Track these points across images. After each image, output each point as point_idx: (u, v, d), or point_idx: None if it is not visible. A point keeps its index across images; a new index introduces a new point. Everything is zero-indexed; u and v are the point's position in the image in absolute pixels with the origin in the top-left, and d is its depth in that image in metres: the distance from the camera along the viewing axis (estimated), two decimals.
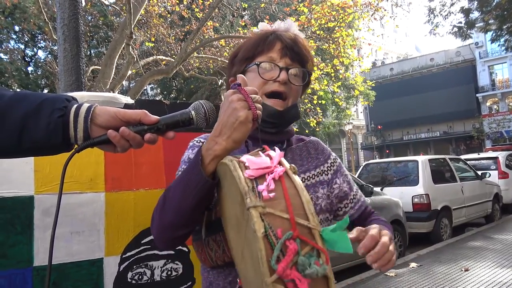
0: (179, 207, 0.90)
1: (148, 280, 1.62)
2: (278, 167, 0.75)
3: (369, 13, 11.31)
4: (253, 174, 0.74)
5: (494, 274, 5.09)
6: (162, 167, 1.71)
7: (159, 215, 0.95)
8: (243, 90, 0.87)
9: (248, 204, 0.68)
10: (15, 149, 0.83)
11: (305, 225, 0.69)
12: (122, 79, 8.71)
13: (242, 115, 0.84)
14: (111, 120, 0.87)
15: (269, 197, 0.70)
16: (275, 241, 0.65)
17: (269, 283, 0.63)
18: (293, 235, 0.66)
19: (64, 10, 2.55)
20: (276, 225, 0.67)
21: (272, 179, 0.72)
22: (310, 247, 0.67)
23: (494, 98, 37.40)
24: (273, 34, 1.13)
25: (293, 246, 0.65)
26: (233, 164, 0.76)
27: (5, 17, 17.44)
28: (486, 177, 9.51)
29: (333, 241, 0.70)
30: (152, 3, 10.58)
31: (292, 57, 1.11)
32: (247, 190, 0.70)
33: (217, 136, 0.87)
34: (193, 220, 0.94)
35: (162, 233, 0.96)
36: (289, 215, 0.68)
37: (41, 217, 1.44)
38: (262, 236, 0.65)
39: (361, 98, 19.95)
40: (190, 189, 0.88)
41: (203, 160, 0.88)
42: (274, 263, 0.64)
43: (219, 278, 1.06)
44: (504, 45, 16.81)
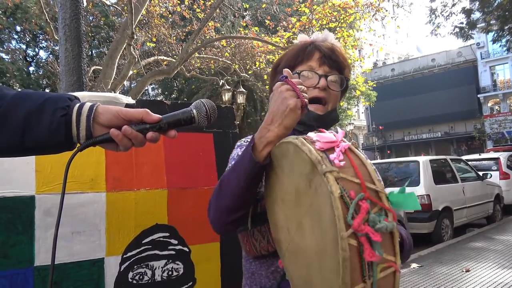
0: (233, 191, 0.99)
1: (149, 280, 1.62)
2: (343, 143, 0.84)
3: (370, 14, 11.31)
4: (323, 146, 0.81)
5: (495, 275, 5.08)
6: (163, 167, 1.71)
7: (216, 200, 1.05)
8: (290, 81, 0.95)
9: (324, 169, 0.76)
10: (18, 148, 0.84)
11: (373, 189, 0.78)
12: (123, 79, 8.72)
13: (291, 103, 0.92)
14: (114, 119, 0.87)
15: (340, 165, 0.78)
16: (349, 201, 0.73)
17: (345, 236, 0.71)
18: (365, 196, 0.75)
19: (66, 10, 2.55)
20: (349, 188, 0.75)
21: (340, 151, 0.81)
22: (379, 207, 0.76)
23: (496, 99, 37.34)
24: (311, 44, 1.22)
25: (365, 205, 0.74)
26: (300, 140, 0.84)
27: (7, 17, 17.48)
28: (487, 177, 9.50)
29: (400, 202, 0.81)
30: (153, 4, 10.60)
31: (330, 65, 1.19)
32: (321, 159, 0.78)
33: (269, 124, 0.94)
34: (246, 203, 1.03)
35: (219, 216, 1.05)
36: (359, 180, 0.77)
37: (42, 217, 1.44)
38: (339, 197, 0.73)
39: (362, 98, 19.94)
40: (242, 174, 0.96)
41: (256, 147, 0.95)
42: (350, 219, 0.72)
43: (262, 268, 1.14)
44: (506, 46, 16.79)
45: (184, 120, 0.92)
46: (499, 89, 36.94)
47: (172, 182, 1.71)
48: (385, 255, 0.74)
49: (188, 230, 1.71)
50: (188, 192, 1.74)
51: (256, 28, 12.10)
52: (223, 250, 1.80)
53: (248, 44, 11.71)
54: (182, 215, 1.71)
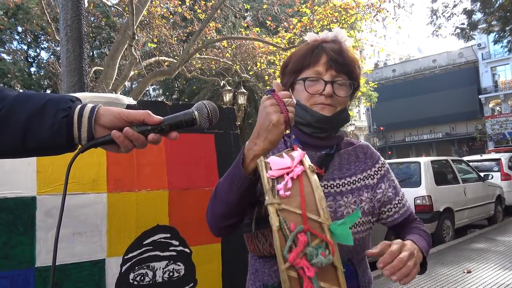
0: (226, 199, 1.02)
1: (150, 281, 1.61)
2: (298, 167, 0.83)
3: (371, 15, 11.31)
4: (274, 174, 0.83)
5: (497, 276, 5.07)
6: (164, 168, 1.71)
7: (212, 205, 1.08)
8: (276, 95, 0.96)
9: (266, 201, 0.78)
10: (19, 150, 0.83)
11: (316, 220, 0.77)
12: (124, 80, 8.73)
13: (274, 118, 0.94)
14: (115, 121, 0.87)
15: (285, 195, 0.78)
16: (289, 234, 0.74)
17: (283, 269, 0.73)
18: (304, 229, 0.74)
19: (67, 11, 2.55)
20: (290, 219, 0.76)
21: (290, 178, 0.81)
22: (320, 239, 0.75)
23: (497, 100, 37.29)
24: (319, 47, 1.19)
25: (303, 238, 0.73)
26: (262, 164, 0.87)
27: (8, 18, 17.50)
28: (488, 178, 9.48)
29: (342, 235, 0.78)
30: (154, 4, 10.61)
31: (337, 69, 1.16)
32: (267, 189, 0.80)
33: (255, 138, 0.97)
34: (239, 211, 1.05)
35: (214, 221, 1.09)
36: (302, 211, 0.76)
37: (43, 218, 1.44)
38: (277, 229, 0.74)
39: (363, 99, 19.95)
40: (235, 184, 0.99)
41: (245, 159, 0.98)
42: (286, 253, 0.73)
43: (265, 266, 1.17)
44: (507, 47, 16.77)
45: (185, 121, 0.92)
46: (500, 90, 36.87)
47: (173, 183, 1.71)
48: (329, 286, 0.74)
49: (189, 231, 1.70)
50: (189, 193, 1.74)
51: (257, 29, 12.11)
52: (224, 251, 1.80)
53: (249, 45, 11.71)
54: (183, 216, 1.70)
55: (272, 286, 1.14)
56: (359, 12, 11.18)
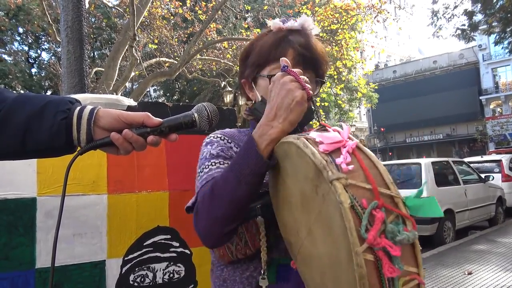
0: (233, 197, 0.87)
1: (150, 282, 1.61)
2: (349, 141, 0.75)
3: (372, 16, 11.32)
4: (328, 148, 0.73)
5: (498, 278, 5.06)
6: (165, 170, 1.71)
7: (208, 211, 0.91)
8: (292, 71, 0.86)
9: (330, 177, 0.68)
10: (18, 151, 0.83)
11: (387, 194, 0.69)
12: (125, 80, 8.73)
13: (298, 95, 0.84)
14: (114, 123, 0.87)
15: (348, 169, 0.70)
16: (362, 211, 0.66)
17: (360, 252, 0.64)
18: (378, 204, 0.67)
19: (68, 12, 2.56)
20: (359, 195, 0.67)
21: (347, 152, 0.72)
22: (395, 215, 0.68)
23: (498, 101, 37.27)
24: (285, 40, 1.07)
25: (380, 215, 0.66)
26: (302, 141, 0.76)
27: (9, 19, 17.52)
28: (489, 180, 9.47)
29: (418, 207, 0.71)
30: (155, 5, 10.62)
31: (305, 64, 1.06)
32: (326, 164, 0.70)
33: (271, 120, 0.86)
34: (244, 210, 0.91)
35: (212, 227, 0.91)
36: (371, 185, 0.69)
37: (44, 219, 1.44)
38: (349, 207, 0.65)
39: (364, 100, 19.93)
40: (246, 175, 0.85)
41: (258, 145, 0.86)
42: (364, 232, 0.64)
43: (235, 274, 1.05)
44: (508, 48, 16.75)
45: (185, 123, 0.91)
46: (501, 91, 36.86)
47: (173, 184, 1.71)
48: (407, 267, 0.67)
49: (189, 233, 1.70)
50: (189, 194, 1.73)
51: (258, 30, 12.11)
52: None
53: None
54: (183, 217, 1.70)
55: None
56: (359, 13, 11.19)
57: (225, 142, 1.11)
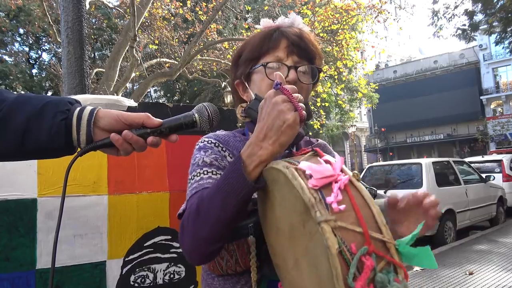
0: (218, 218, 0.84)
1: (151, 283, 1.61)
2: (341, 175, 0.70)
3: (372, 16, 11.32)
4: (317, 184, 0.68)
5: (499, 278, 5.06)
6: (165, 170, 1.71)
7: (192, 229, 0.88)
8: (285, 90, 0.82)
9: (318, 218, 0.63)
10: (18, 152, 0.83)
11: (379, 239, 0.64)
12: (125, 81, 8.74)
13: (290, 118, 0.79)
14: (114, 123, 0.86)
15: (339, 210, 0.65)
16: (350, 257, 0.61)
17: None
18: (369, 250, 0.62)
19: (68, 13, 2.56)
20: (349, 239, 0.62)
21: (338, 189, 0.67)
22: (386, 262, 0.63)
23: (498, 101, 37.24)
24: (277, 31, 1.06)
25: (370, 262, 0.61)
26: (291, 172, 0.70)
27: (10, 19, 17.54)
28: (490, 180, 9.46)
29: (411, 255, 0.67)
30: (156, 6, 10.62)
31: (299, 54, 1.04)
32: (315, 202, 0.65)
33: (261, 140, 0.82)
34: (229, 231, 0.87)
35: (197, 247, 0.89)
36: (362, 228, 0.64)
37: (44, 220, 1.44)
38: (337, 253, 0.61)
39: (364, 100, 19.92)
40: (232, 198, 0.82)
41: (245, 166, 0.82)
42: (351, 281, 0.60)
43: (226, 285, 1.02)
44: (509, 48, 16.74)
45: (185, 124, 0.91)
46: (502, 91, 36.84)
47: (174, 184, 1.71)
48: None
49: None
50: None
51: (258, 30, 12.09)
52: None
53: None
54: None
55: None
56: (360, 14, 11.19)
57: (219, 149, 1.06)
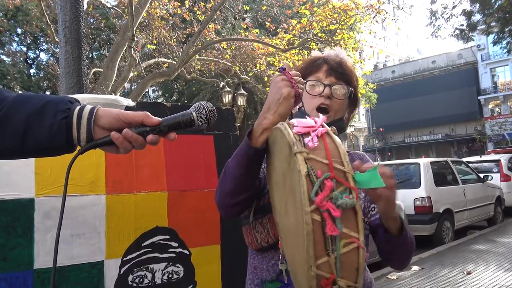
0: (234, 175, 1.07)
1: (149, 283, 1.61)
2: (321, 128, 0.88)
3: (370, 16, 11.32)
4: (300, 130, 0.87)
5: (497, 277, 5.07)
6: (163, 170, 1.71)
7: (220, 184, 1.12)
8: (287, 72, 1.03)
9: (295, 150, 0.81)
10: (18, 151, 0.84)
11: (340, 169, 0.81)
12: (124, 81, 8.72)
13: (285, 91, 1.00)
14: (114, 122, 0.87)
15: (313, 147, 0.83)
16: (316, 180, 0.78)
17: (308, 211, 0.75)
18: (330, 176, 0.79)
19: (66, 13, 2.55)
20: (317, 167, 0.80)
21: (315, 135, 0.85)
22: (344, 187, 0.80)
23: (496, 101, 37.32)
24: (321, 59, 1.32)
25: (329, 184, 0.78)
26: (284, 126, 0.90)
27: (8, 19, 17.51)
28: (488, 179, 9.48)
29: (365, 181, 0.86)
30: (154, 6, 10.61)
31: (337, 77, 1.28)
32: (295, 141, 0.83)
33: (265, 112, 1.02)
34: (246, 187, 1.09)
35: (222, 199, 1.13)
36: (328, 160, 0.82)
37: (42, 219, 1.43)
38: (305, 175, 0.78)
39: (362, 100, 19.92)
40: (242, 158, 1.03)
41: (254, 134, 1.02)
42: (313, 196, 0.76)
43: (263, 262, 1.21)
44: (506, 48, 16.80)
45: (184, 122, 0.92)
46: (500, 91, 36.91)
47: (172, 184, 1.71)
48: (348, 231, 0.77)
49: (188, 233, 1.70)
50: (188, 194, 1.74)
51: (256, 30, 12.11)
52: (224, 253, 1.79)
53: (249, 46, 11.71)
54: (182, 217, 1.70)
55: (271, 281, 1.19)
56: (358, 14, 11.19)
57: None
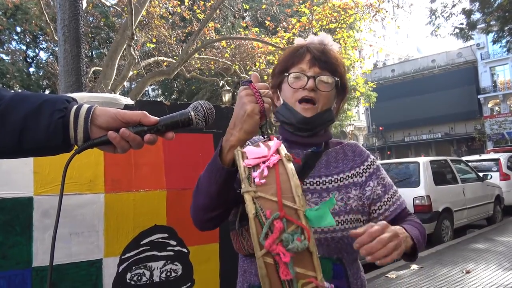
0: (207, 191, 1.03)
1: (147, 281, 1.61)
2: (274, 156, 0.84)
3: (370, 15, 11.31)
4: (250, 163, 0.83)
5: (496, 276, 5.08)
6: (162, 168, 1.71)
7: (194, 198, 1.09)
8: (252, 86, 0.97)
9: (242, 189, 0.79)
10: (15, 150, 0.83)
11: (291, 207, 0.77)
12: (123, 80, 8.72)
13: (248, 108, 0.95)
14: (111, 121, 0.87)
15: (261, 183, 0.79)
16: (265, 221, 0.75)
17: (260, 256, 0.74)
18: (280, 215, 0.75)
19: (65, 11, 2.55)
20: (266, 207, 0.77)
21: (266, 166, 0.82)
22: (296, 226, 0.76)
23: (496, 100, 37.33)
24: (303, 47, 1.23)
25: (279, 225, 0.74)
26: (238, 154, 0.87)
27: (7, 18, 17.49)
28: (487, 178, 9.49)
29: (318, 218, 0.79)
30: (153, 4, 10.60)
31: (321, 66, 1.20)
32: (243, 178, 0.81)
33: (232, 128, 0.99)
34: (220, 203, 1.05)
35: (196, 214, 1.10)
36: (277, 198, 0.77)
37: (40, 218, 1.43)
38: (254, 217, 0.75)
39: (362, 99, 19.93)
40: (213, 176, 1.00)
41: (222, 150, 0.99)
42: (262, 239, 0.74)
43: (252, 266, 1.17)
44: (506, 47, 16.80)
45: (182, 122, 0.92)
46: (499, 90, 36.92)
47: (171, 183, 1.71)
48: (304, 271, 0.75)
49: (187, 231, 1.70)
50: (187, 193, 1.74)
51: (256, 29, 12.10)
52: (222, 251, 1.79)
53: (248, 45, 11.71)
54: (181, 216, 1.70)
55: (259, 286, 1.12)
56: (358, 12, 11.19)
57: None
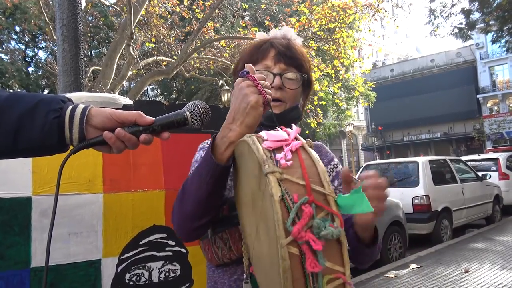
0: (196, 196, 0.94)
1: (146, 281, 1.61)
2: (295, 141, 0.77)
3: (369, 14, 11.31)
4: (271, 145, 0.76)
5: (495, 276, 5.08)
6: (161, 168, 1.71)
7: (179, 207, 0.99)
8: (251, 76, 0.91)
9: (266, 170, 0.70)
10: (10, 150, 0.83)
11: (320, 192, 0.71)
12: (122, 79, 8.71)
13: (252, 99, 0.88)
14: (107, 121, 0.87)
15: (287, 165, 0.72)
16: (291, 205, 0.67)
17: (284, 244, 0.64)
18: (309, 200, 0.68)
19: (63, 11, 2.55)
20: (292, 190, 0.69)
21: (289, 150, 0.75)
22: (325, 212, 0.69)
23: (495, 99, 37.34)
24: (267, 42, 1.17)
25: (308, 210, 0.67)
26: (252, 139, 0.78)
27: (6, 17, 17.47)
28: (486, 178, 9.49)
29: (349, 205, 0.73)
30: (152, 4, 10.59)
31: (286, 62, 1.14)
32: (265, 158, 0.72)
33: (230, 123, 0.91)
34: (211, 208, 0.97)
35: (183, 223, 0.99)
36: (305, 181, 0.70)
37: (39, 218, 1.43)
38: (279, 200, 0.67)
39: (361, 99, 19.93)
40: (204, 177, 0.91)
41: (217, 148, 0.91)
42: (290, 225, 0.65)
43: (225, 277, 1.09)
44: (505, 46, 16.81)
45: (177, 122, 0.91)
46: (498, 90, 36.93)
47: (170, 183, 1.71)
48: (332, 265, 0.67)
49: None
50: None
51: (255, 28, 12.10)
52: None
53: (248, 44, 11.69)
54: None
55: None
56: (357, 12, 11.19)
57: None
